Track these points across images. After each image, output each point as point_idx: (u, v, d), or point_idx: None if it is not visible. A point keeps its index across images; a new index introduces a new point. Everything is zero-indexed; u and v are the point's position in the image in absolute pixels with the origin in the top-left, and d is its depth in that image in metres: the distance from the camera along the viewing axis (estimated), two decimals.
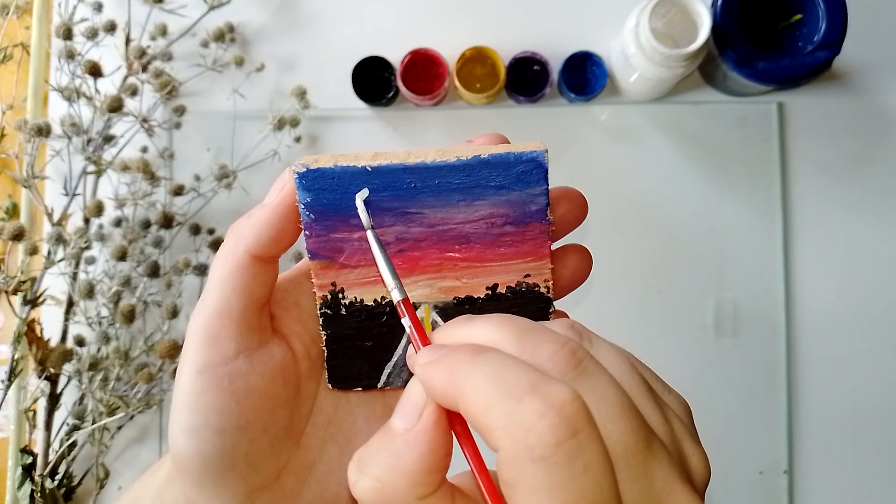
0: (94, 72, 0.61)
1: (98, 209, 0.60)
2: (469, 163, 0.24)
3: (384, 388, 0.28)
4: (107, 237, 0.62)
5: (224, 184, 0.64)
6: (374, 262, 0.26)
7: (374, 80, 0.67)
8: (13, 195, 0.69)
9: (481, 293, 0.26)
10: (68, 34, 0.62)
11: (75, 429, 0.60)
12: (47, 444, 0.60)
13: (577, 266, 0.27)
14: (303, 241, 0.26)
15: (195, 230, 0.66)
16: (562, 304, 0.27)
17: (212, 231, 0.67)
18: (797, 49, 0.61)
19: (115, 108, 0.59)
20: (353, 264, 0.26)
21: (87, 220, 0.61)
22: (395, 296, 0.23)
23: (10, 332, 0.59)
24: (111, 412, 0.59)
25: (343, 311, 0.27)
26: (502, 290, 0.26)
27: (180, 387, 0.25)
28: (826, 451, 0.67)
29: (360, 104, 0.68)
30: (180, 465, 0.26)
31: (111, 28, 0.63)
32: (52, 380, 0.60)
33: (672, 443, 0.20)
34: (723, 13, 0.61)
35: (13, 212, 0.69)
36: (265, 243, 0.25)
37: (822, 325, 0.67)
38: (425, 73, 0.66)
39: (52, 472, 0.60)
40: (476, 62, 0.67)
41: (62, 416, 0.61)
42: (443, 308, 0.27)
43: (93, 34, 0.62)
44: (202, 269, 0.64)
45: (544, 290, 0.26)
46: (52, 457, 0.60)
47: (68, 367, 0.59)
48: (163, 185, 0.64)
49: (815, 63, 0.60)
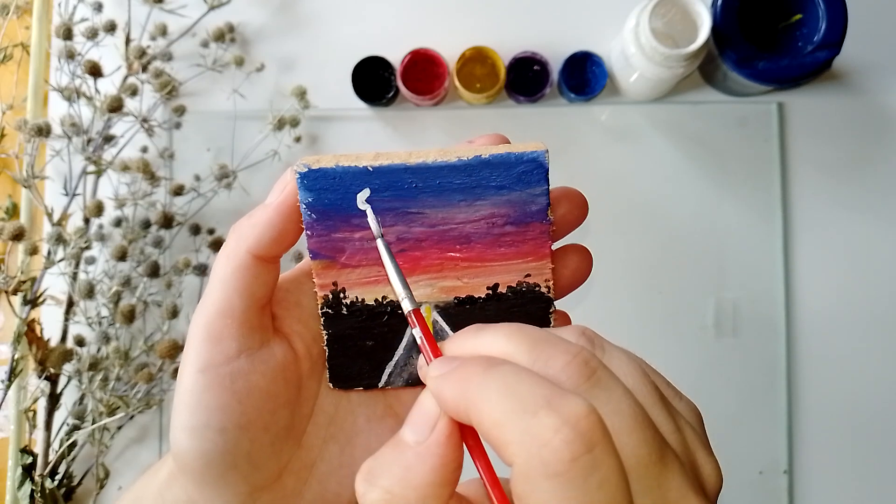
0: (94, 72, 0.61)
1: (98, 209, 0.60)
2: (470, 163, 0.25)
3: (385, 388, 0.28)
4: (107, 237, 0.62)
5: (224, 184, 0.64)
6: (375, 262, 0.26)
7: (374, 80, 0.67)
8: (13, 195, 0.69)
9: (482, 293, 0.26)
10: (68, 34, 0.62)
11: (75, 429, 0.60)
12: (47, 444, 0.60)
13: (578, 266, 0.27)
14: (304, 241, 0.26)
15: (195, 230, 0.66)
16: (562, 304, 0.27)
17: (212, 231, 0.67)
18: (797, 49, 0.61)
19: (115, 108, 0.59)
20: (355, 264, 0.26)
21: (87, 220, 0.61)
22: (406, 306, 0.24)
23: (10, 332, 0.59)
24: (111, 412, 0.59)
25: (344, 311, 0.27)
26: (503, 289, 0.26)
27: (182, 386, 0.25)
28: (826, 451, 0.67)
29: (360, 104, 0.68)
30: (182, 465, 0.26)
31: (111, 28, 0.63)
32: (52, 380, 0.60)
33: (685, 452, 0.20)
34: (723, 13, 0.61)
35: (13, 212, 0.69)
36: (267, 243, 0.25)
37: (822, 325, 0.67)
38: (425, 73, 0.66)
39: (52, 472, 0.60)
40: (476, 62, 0.67)
41: (62, 416, 0.61)
42: (443, 308, 0.27)
43: (93, 34, 0.62)
44: (202, 269, 0.64)
45: (545, 289, 0.26)
46: (52, 457, 0.60)
47: (68, 367, 0.59)
48: (163, 185, 0.64)
49: (815, 63, 0.60)
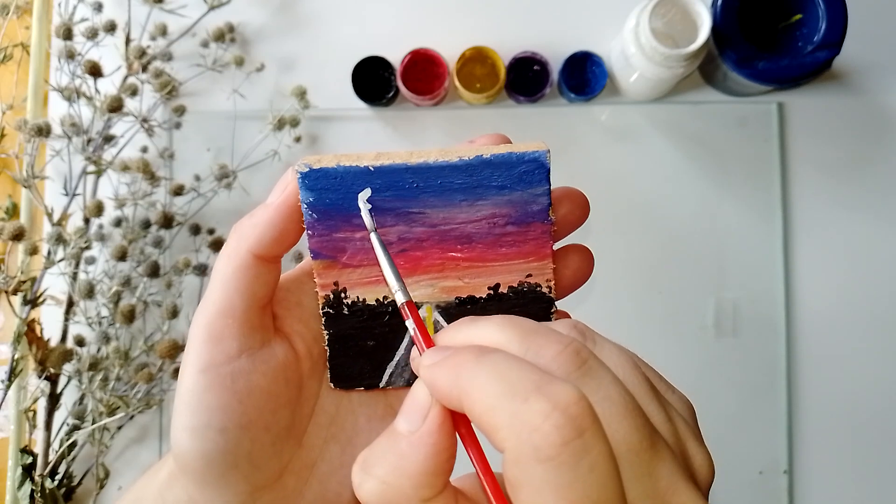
0: (94, 72, 0.61)
1: (98, 209, 0.60)
2: (471, 163, 0.25)
3: (386, 388, 0.28)
4: (107, 237, 0.62)
5: (224, 184, 0.64)
6: (376, 262, 0.26)
7: (374, 80, 0.67)
8: (13, 195, 0.69)
9: (483, 293, 0.26)
10: (68, 34, 0.62)
11: (75, 429, 0.60)
12: (47, 444, 0.60)
13: (579, 266, 0.27)
14: (305, 240, 0.26)
15: (195, 230, 0.66)
16: (563, 304, 0.27)
17: (212, 231, 0.67)
18: (797, 49, 0.62)
19: (115, 108, 0.59)
20: (356, 264, 0.26)
21: (87, 220, 0.61)
22: (399, 298, 0.24)
23: (10, 332, 0.59)
24: (111, 412, 0.59)
25: (345, 311, 0.27)
26: (504, 289, 0.26)
27: (183, 386, 0.25)
28: (826, 451, 0.67)
29: (360, 104, 0.68)
30: (183, 465, 0.26)
31: (111, 28, 0.63)
32: (52, 380, 0.60)
33: (676, 442, 0.20)
34: (723, 13, 0.61)
35: (13, 212, 0.69)
36: (268, 243, 0.25)
37: (822, 325, 0.67)
38: (425, 73, 0.66)
39: (52, 472, 0.60)
40: (476, 62, 0.67)
41: (62, 416, 0.61)
42: (445, 308, 0.27)
43: (93, 34, 0.62)
44: (202, 269, 0.64)
45: (546, 289, 0.26)
46: (52, 457, 0.60)
47: (68, 367, 0.59)
48: (163, 185, 0.64)
49: (815, 63, 0.60)
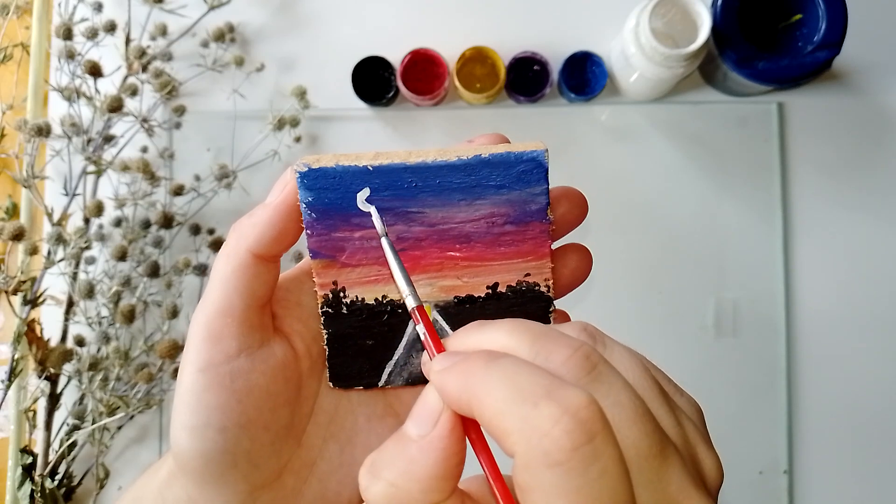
0: (94, 72, 0.61)
1: (98, 209, 0.60)
2: (470, 162, 0.25)
3: (385, 387, 0.28)
4: (107, 237, 0.62)
5: (224, 184, 0.64)
6: (375, 262, 0.26)
7: (374, 80, 0.67)
8: (13, 195, 0.69)
9: (482, 292, 0.26)
10: (68, 34, 0.62)
11: (75, 429, 0.60)
12: (47, 444, 0.60)
13: (578, 265, 0.27)
14: (304, 240, 0.26)
15: (195, 230, 0.66)
16: (562, 304, 0.27)
17: (212, 231, 0.67)
18: (797, 49, 0.62)
19: (115, 108, 0.59)
20: (355, 263, 0.26)
21: (87, 220, 0.61)
22: (410, 302, 0.24)
23: (10, 332, 0.59)
24: (111, 412, 0.59)
25: (344, 310, 0.27)
26: (503, 289, 0.26)
27: (182, 385, 0.25)
28: (826, 451, 0.67)
29: (360, 104, 0.68)
30: (182, 464, 0.26)
31: (111, 28, 0.63)
32: (52, 380, 0.60)
33: (685, 447, 0.20)
34: (723, 13, 0.61)
35: (13, 212, 0.69)
36: (267, 242, 0.25)
37: (822, 325, 0.67)
38: (425, 73, 0.66)
39: (52, 472, 0.60)
40: (476, 62, 0.67)
41: (62, 416, 0.61)
42: (443, 307, 0.27)
43: (93, 34, 0.62)
44: (202, 269, 0.64)
45: (544, 289, 0.26)
46: (52, 457, 0.60)
47: (68, 367, 0.59)
48: (163, 185, 0.64)
49: (815, 63, 0.60)
